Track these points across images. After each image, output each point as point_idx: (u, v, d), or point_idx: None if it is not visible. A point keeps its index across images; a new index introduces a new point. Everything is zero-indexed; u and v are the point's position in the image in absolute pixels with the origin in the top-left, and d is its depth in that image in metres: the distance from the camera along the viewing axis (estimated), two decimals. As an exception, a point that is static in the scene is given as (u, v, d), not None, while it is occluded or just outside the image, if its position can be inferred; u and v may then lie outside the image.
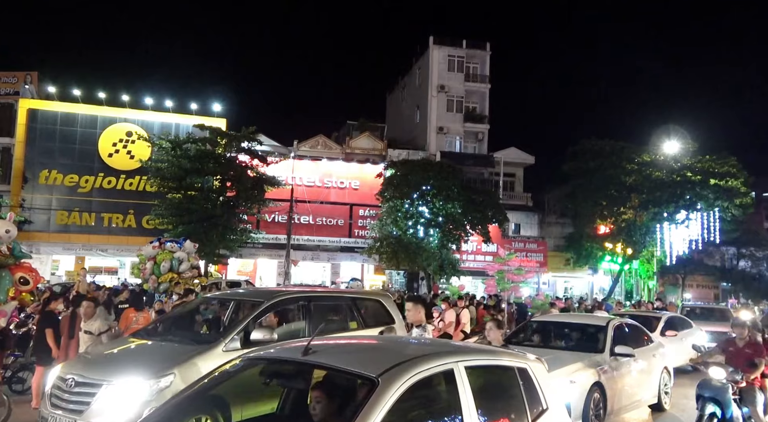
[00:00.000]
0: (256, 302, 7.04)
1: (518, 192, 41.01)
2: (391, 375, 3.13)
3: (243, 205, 28.19)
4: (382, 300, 8.54)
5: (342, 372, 3.36)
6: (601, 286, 38.91)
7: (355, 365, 3.35)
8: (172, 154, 26.47)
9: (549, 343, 9.21)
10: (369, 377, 3.13)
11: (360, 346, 4.23)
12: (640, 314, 14.97)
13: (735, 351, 7.24)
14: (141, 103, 34.04)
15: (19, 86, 34.02)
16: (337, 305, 8.41)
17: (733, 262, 41.43)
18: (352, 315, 7.96)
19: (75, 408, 5.48)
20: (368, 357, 3.58)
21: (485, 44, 41.45)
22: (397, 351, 3.87)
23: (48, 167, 32.50)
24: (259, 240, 31.67)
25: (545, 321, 10.35)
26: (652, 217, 32.27)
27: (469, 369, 3.60)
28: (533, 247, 37.78)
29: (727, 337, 7.68)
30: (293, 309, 7.89)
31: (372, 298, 8.72)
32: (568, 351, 8.49)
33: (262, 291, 8.42)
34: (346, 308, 8.12)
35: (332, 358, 3.53)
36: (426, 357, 3.47)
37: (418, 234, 28.91)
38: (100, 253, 32.50)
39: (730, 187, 31.41)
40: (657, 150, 33.00)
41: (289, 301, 7.72)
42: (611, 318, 9.44)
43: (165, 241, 14.37)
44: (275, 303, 7.18)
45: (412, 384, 3.17)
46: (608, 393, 7.68)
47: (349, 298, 8.39)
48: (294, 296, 7.85)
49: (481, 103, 41.36)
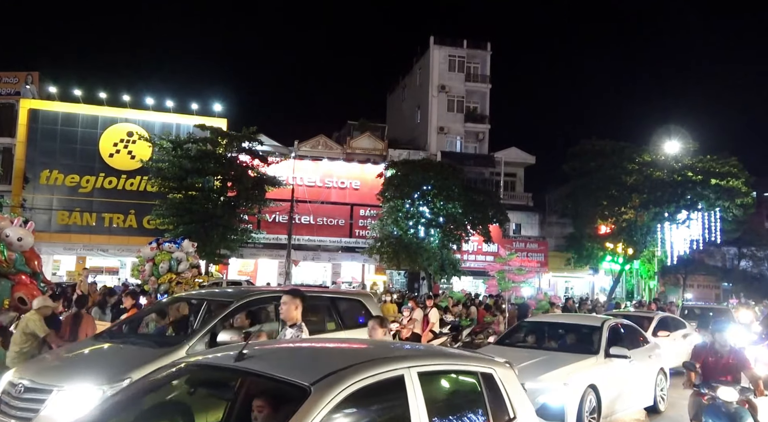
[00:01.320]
0: (224, 302, 6.69)
1: (519, 192, 41.00)
2: (326, 383, 2.87)
3: (244, 205, 28.20)
4: (363, 301, 8.20)
5: (273, 380, 3.05)
6: (602, 286, 38.91)
7: (289, 372, 3.05)
8: (172, 154, 26.50)
9: (543, 344, 9.04)
10: (300, 385, 2.87)
11: (300, 351, 3.80)
12: (631, 314, 14.77)
13: (715, 362, 6.21)
14: (142, 103, 34.08)
15: (20, 86, 34.05)
16: (314, 305, 8.01)
17: (735, 262, 41.43)
18: (330, 315, 7.65)
19: (23, 416, 5.11)
20: (305, 364, 3.29)
21: (486, 44, 41.49)
22: (341, 356, 3.53)
23: (49, 167, 32.55)
24: (259, 241, 31.69)
25: (539, 322, 10.16)
26: (653, 217, 32.25)
27: (423, 376, 3.31)
28: (534, 247, 37.78)
29: (704, 344, 6.59)
30: (267, 310, 7.48)
31: (352, 298, 8.37)
32: (562, 352, 8.33)
33: (233, 291, 8.05)
34: (324, 308, 7.77)
35: (266, 364, 3.21)
36: (372, 363, 3.19)
37: (419, 235, 28.91)
38: (100, 253, 32.54)
39: (731, 187, 31.37)
40: (658, 150, 32.97)
41: (261, 301, 7.33)
42: (606, 319, 9.26)
43: (163, 242, 14.33)
44: (246, 303, 6.84)
45: (351, 393, 2.90)
46: (603, 396, 7.52)
47: (327, 298, 8.04)
48: (266, 296, 7.43)
49: (482, 103, 41.37)
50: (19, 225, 9.10)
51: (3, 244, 8.78)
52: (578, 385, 7.20)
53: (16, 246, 8.81)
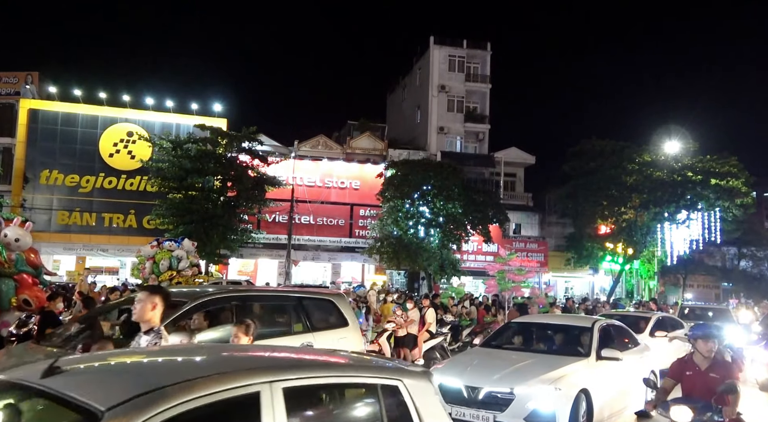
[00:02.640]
0: (177, 302, 6.14)
1: (519, 192, 40.99)
2: (128, 407, 2.20)
3: (244, 205, 28.20)
4: (335, 301, 7.81)
5: (65, 403, 2.32)
6: (602, 286, 38.91)
7: (88, 392, 2.35)
8: (172, 154, 26.50)
9: (531, 346, 8.71)
10: (92, 410, 2.19)
11: (128, 363, 3.01)
12: (629, 314, 14.58)
13: (695, 376, 5.10)
14: (142, 103, 34.08)
15: (20, 86, 34.06)
16: (280, 306, 7.64)
17: (734, 262, 41.42)
18: (298, 317, 7.25)
19: None
20: (118, 381, 2.57)
21: (486, 44, 41.47)
22: (175, 369, 2.80)
23: (49, 167, 32.55)
24: (259, 240, 31.69)
25: (527, 322, 9.77)
26: (653, 217, 32.25)
27: (291, 392, 2.66)
28: (534, 247, 37.77)
29: (682, 358, 5.42)
30: (228, 311, 7.01)
31: (323, 298, 7.99)
32: (552, 354, 8.03)
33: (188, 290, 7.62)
34: (291, 309, 7.36)
35: (69, 382, 2.47)
36: (214, 378, 2.49)
37: (419, 234, 28.91)
38: (100, 253, 32.54)
39: (731, 187, 31.36)
40: (658, 150, 32.96)
41: (220, 301, 6.91)
42: (596, 319, 8.92)
43: (163, 241, 14.34)
44: (202, 303, 6.39)
45: (169, 418, 2.24)
46: (595, 401, 7.13)
47: (294, 298, 7.62)
48: (225, 296, 7.08)
49: (482, 103, 41.36)
50: (17, 224, 9.06)
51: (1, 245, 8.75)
52: (570, 390, 6.85)
53: (14, 247, 8.75)
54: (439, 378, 7.03)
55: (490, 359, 7.96)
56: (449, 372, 7.37)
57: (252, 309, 7.04)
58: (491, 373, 7.15)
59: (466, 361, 7.99)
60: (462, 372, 7.30)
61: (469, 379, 7.10)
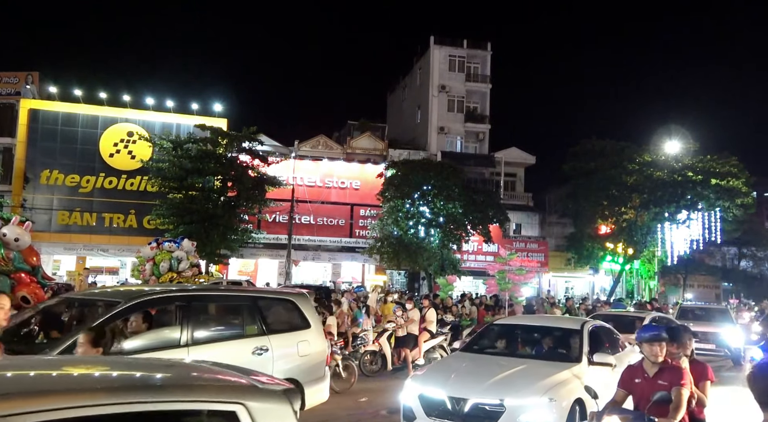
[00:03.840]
0: (110, 302, 5.70)
1: (519, 192, 40.99)
2: None
3: (244, 205, 28.20)
4: (296, 301, 7.29)
5: None
6: (602, 286, 38.91)
7: None
8: (173, 154, 26.51)
9: (516, 350, 8.11)
10: None
11: None
12: (622, 314, 14.35)
13: (643, 384, 4.60)
14: (142, 103, 34.08)
15: (21, 86, 34.06)
16: (232, 307, 7.11)
17: (735, 262, 41.42)
18: (252, 318, 6.71)
19: None
20: None
21: (486, 44, 41.47)
22: None
23: (49, 167, 32.55)
24: (260, 241, 31.69)
25: (510, 324, 9.18)
26: (653, 217, 32.24)
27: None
28: (534, 247, 37.77)
29: (633, 364, 4.95)
30: (172, 313, 6.43)
31: (282, 298, 7.49)
32: (540, 359, 7.41)
33: (124, 290, 7.07)
34: (244, 310, 6.79)
35: None
36: None
37: (419, 234, 28.90)
38: (101, 253, 32.54)
39: (732, 187, 31.35)
40: (658, 150, 32.96)
41: (160, 302, 6.35)
42: (585, 321, 8.40)
43: (162, 242, 14.37)
44: (138, 304, 5.83)
45: None
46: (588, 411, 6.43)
47: (248, 298, 7.04)
48: (166, 296, 6.43)
49: (482, 103, 41.35)
50: (16, 224, 9.05)
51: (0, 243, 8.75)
52: (565, 401, 6.28)
53: (13, 246, 8.73)
54: (419, 388, 6.70)
55: (475, 366, 7.33)
56: (431, 382, 6.78)
57: (199, 311, 6.51)
58: (478, 382, 6.54)
59: (449, 368, 7.31)
60: (445, 382, 6.67)
61: (453, 389, 6.49)
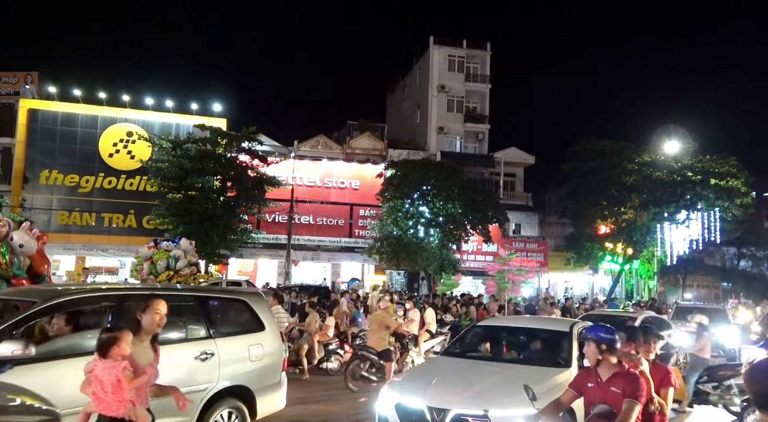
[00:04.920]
0: (26, 302, 5.10)
1: (519, 192, 41.01)
2: None
3: (243, 205, 28.22)
4: (249, 302, 6.70)
5: None
6: (601, 286, 38.93)
7: None
8: (172, 154, 26.53)
9: (501, 355, 7.59)
10: None
11: None
12: (613, 314, 14.08)
13: (595, 389, 4.19)
14: (141, 103, 34.08)
15: (20, 86, 34.08)
16: (174, 307, 5.80)
17: (734, 262, 41.41)
18: (197, 320, 6.04)
19: None
20: None
21: (486, 44, 41.50)
22: None
23: (48, 167, 32.55)
24: (259, 241, 31.70)
25: (495, 326, 8.47)
26: (653, 217, 32.26)
27: None
28: (534, 247, 37.78)
29: (588, 367, 4.49)
30: (101, 314, 5.72)
31: (232, 298, 6.90)
32: (527, 365, 6.84)
33: (44, 289, 6.41)
34: (188, 312, 6.06)
35: None
36: None
37: (419, 234, 28.93)
38: (100, 253, 32.52)
39: (731, 187, 31.38)
40: (657, 150, 33.00)
41: (84, 302, 5.60)
42: (575, 322, 7.85)
43: (160, 241, 14.40)
44: (58, 304, 5.17)
45: None
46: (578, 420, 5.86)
47: (193, 298, 6.30)
48: (90, 295, 5.68)
49: (482, 103, 41.38)
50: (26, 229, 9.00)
51: (5, 246, 8.71)
52: None
53: (17, 251, 8.68)
54: (397, 396, 6.23)
55: (457, 372, 6.75)
56: (408, 390, 6.24)
57: (134, 311, 5.91)
58: (459, 391, 6.02)
59: (429, 375, 6.68)
60: (424, 390, 6.13)
61: (432, 399, 5.92)
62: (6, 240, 8.65)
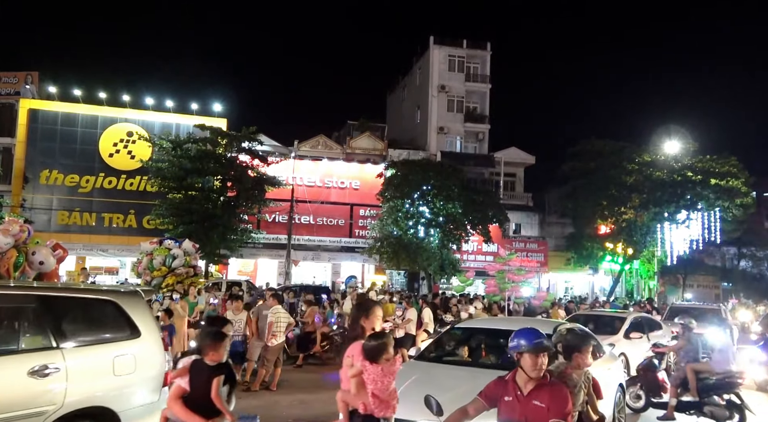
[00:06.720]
0: None
1: (519, 192, 41.01)
2: None
3: (243, 205, 28.20)
4: (119, 303, 5.47)
5: None
6: (601, 286, 38.92)
7: None
8: (172, 154, 26.52)
9: (479, 359, 7.02)
10: None
11: None
12: (602, 314, 14.09)
13: (513, 403, 3.67)
14: (141, 103, 34.09)
15: (20, 86, 34.08)
16: (6, 310, 4.97)
17: (734, 262, 41.43)
18: (38, 327, 4.97)
19: None
20: None
21: (486, 44, 41.51)
22: None
23: (49, 167, 32.56)
24: (259, 241, 31.69)
25: (475, 328, 8.01)
26: (653, 217, 32.23)
27: None
28: (534, 247, 37.78)
29: (504, 376, 3.92)
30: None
31: (95, 298, 5.52)
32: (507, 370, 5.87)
33: None
34: (24, 316, 4.99)
35: None
36: None
37: (419, 234, 28.90)
38: (100, 253, 32.53)
39: (731, 187, 31.34)
40: (657, 150, 32.96)
41: None
42: (559, 324, 7.47)
43: (164, 239, 14.50)
44: None
45: None
46: None
47: (32, 298, 5.07)
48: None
49: (482, 103, 41.39)
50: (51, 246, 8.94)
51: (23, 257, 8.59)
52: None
53: (35, 267, 8.58)
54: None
55: (428, 379, 6.15)
56: None
57: None
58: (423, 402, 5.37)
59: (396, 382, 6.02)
60: None
61: (400, 410, 5.12)
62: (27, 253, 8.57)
